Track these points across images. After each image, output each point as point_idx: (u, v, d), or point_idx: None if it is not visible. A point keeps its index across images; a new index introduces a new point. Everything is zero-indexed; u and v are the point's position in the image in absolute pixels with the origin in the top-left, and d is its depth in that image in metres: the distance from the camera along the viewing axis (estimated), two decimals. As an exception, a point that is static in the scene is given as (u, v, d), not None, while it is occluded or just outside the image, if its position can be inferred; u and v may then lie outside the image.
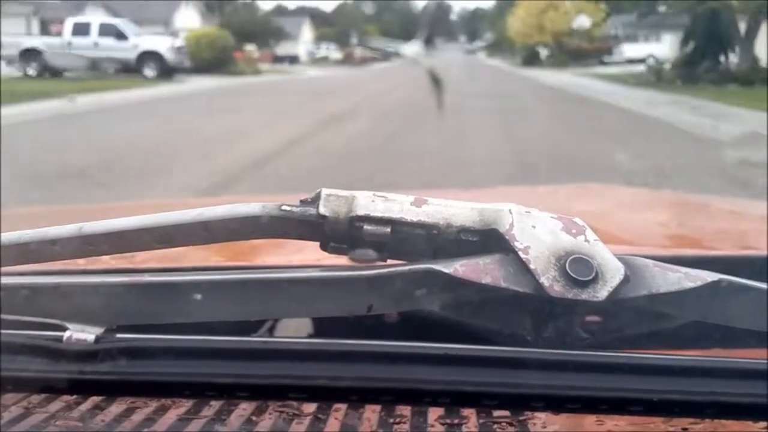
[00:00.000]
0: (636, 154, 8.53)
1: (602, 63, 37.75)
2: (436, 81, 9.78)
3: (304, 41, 53.87)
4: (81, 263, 0.61)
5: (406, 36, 58.11)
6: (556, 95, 19.52)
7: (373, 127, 11.38)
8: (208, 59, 26.08)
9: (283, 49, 47.44)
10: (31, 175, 6.68)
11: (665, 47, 36.92)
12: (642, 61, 34.75)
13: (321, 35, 58.35)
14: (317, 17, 64.73)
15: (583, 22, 41.16)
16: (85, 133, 10.34)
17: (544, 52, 42.13)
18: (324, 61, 48.97)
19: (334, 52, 52.02)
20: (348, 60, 47.88)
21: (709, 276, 0.50)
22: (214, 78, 24.28)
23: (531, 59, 41.96)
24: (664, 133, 11.21)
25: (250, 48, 38.17)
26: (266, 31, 46.09)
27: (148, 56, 23.79)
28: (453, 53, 57.68)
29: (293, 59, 45.60)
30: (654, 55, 35.25)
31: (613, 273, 0.48)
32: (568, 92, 20.38)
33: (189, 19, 38.26)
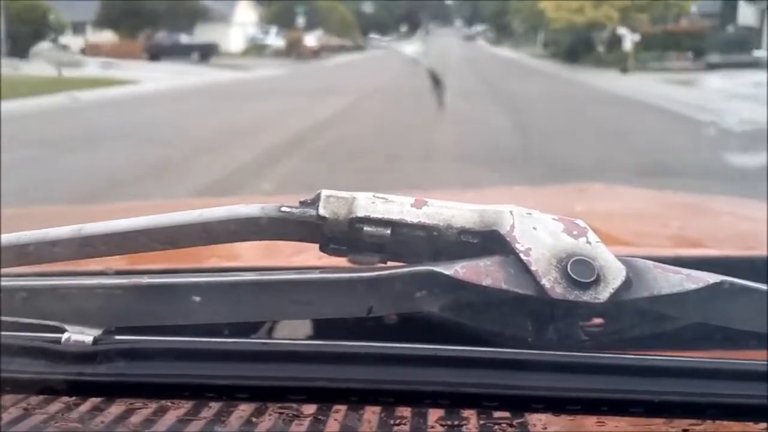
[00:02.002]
0: None
1: (742, 63, 20.97)
2: (436, 81, 9.76)
3: (239, 23, 37.97)
4: (80, 264, 0.61)
5: (385, 19, 48.72)
6: None
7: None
8: None
9: (209, 34, 32.25)
10: None
11: None
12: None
13: (269, 16, 41.57)
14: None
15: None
16: None
17: (629, 38, 24.26)
18: (262, 51, 34.54)
19: (281, 39, 36.73)
20: (293, 50, 33.23)
21: (711, 278, 0.50)
22: None
23: (577, 51, 25.35)
24: None
25: None
26: (168, 11, 30.90)
27: None
28: (449, 39, 48.64)
29: (206, 50, 29.97)
30: None
31: (615, 275, 0.48)
32: None
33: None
